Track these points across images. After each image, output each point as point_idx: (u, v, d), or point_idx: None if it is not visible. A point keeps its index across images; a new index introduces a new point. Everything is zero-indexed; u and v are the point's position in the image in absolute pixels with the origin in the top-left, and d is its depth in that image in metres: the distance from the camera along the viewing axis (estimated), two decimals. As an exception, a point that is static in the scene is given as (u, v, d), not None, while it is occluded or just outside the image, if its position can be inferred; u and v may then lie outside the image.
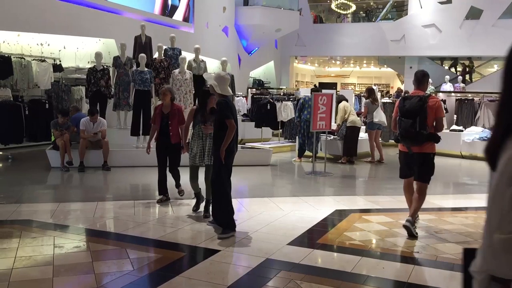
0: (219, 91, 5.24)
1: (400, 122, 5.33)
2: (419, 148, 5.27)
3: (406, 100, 5.36)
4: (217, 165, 5.23)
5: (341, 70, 33.32)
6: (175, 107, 6.53)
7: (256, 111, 13.47)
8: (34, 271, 4.06)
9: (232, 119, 5.13)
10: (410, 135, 5.23)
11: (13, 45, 12.16)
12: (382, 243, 5.12)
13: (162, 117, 6.46)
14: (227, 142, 5.12)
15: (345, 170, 10.06)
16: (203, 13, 18.61)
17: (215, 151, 5.23)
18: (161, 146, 6.52)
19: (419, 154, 5.31)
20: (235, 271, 4.28)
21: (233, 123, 5.13)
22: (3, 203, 6.46)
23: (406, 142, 5.35)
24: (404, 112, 5.29)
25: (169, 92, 6.53)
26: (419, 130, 5.16)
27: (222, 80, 5.30)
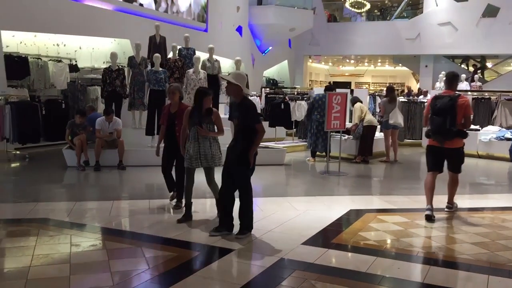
0: (246, 92, 5.11)
1: (432, 119, 5.91)
2: (450, 143, 5.90)
3: (438, 99, 5.92)
4: (243, 169, 5.04)
5: (355, 69, 33.15)
6: (182, 106, 6.19)
7: (270, 111, 13.45)
8: (51, 269, 4.12)
9: (261, 123, 5.04)
10: (441, 131, 5.82)
11: (30, 45, 12.32)
12: (397, 243, 5.08)
13: (169, 117, 6.27)
14: (257, 146, 5.00)
15: (360, 170, 10.00)
16: (217, 13, 18.66)
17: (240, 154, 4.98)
18: (168, 146, 6.34)
19: (450, 149, 5.95)
20: (249, 270, 4.28)
21: (263, 127, 5.03)
22: (21, 201, 6.56)
23: (438, 138, 5.92)
24: (436, 110, 5.86)
25: (178, 91, 6.32)
26: (449, 127, 5.76)
27: (243, 79, 5.13)
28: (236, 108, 5.08)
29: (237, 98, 5.09)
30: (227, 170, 5.14)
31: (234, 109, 5.15)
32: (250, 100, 5.13)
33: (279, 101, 13.25)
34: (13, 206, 6.45)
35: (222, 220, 5.21)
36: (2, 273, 4.13)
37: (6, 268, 4.24)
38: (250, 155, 4.96)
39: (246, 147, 4.97)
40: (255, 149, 4.99)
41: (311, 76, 30.84)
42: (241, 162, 5.00)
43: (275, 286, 3.87)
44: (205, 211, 6.41)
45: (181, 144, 5.79)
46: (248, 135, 4.98)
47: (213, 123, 5.55)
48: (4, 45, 11.22)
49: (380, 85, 30.54)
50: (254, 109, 5.05)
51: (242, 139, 5.00)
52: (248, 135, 4.98)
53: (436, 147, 6.01)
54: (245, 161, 4.96)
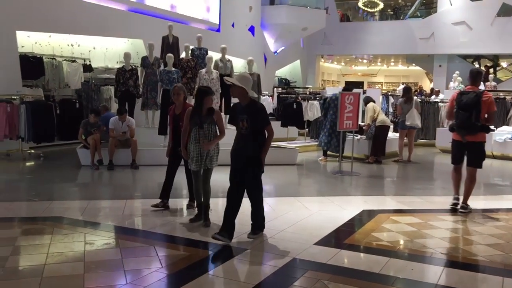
0: (251, 94, 4.96)
1: (457, 114, 6.15)
2: (473, 137, 6.11)
3: (463, 94, 6.16)
4: (256, 171, 4.94)
5: (368, 68, 32.99)
6: (187, 106, 5.97)
7: (282, 111, 13.45)
8: (65, 267, 4.16)
9: (270, 125, 4.97)
10: (466, 126, 6.05)
11: (45, 46, 12.46)
12: (410, 244, 5.04)
13: (174, 118, 6.09)
14: (268, 148, 4.95)
15: (373, 170, 9.95)
16: (229, 13, 18.69)
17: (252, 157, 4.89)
18: (173, 147, 6.15)
19: (472, 143, 6.15)
20: (262, 270, 4.28)
21: (272, 129, 4.97)
22: (36, 200, 6.64)
23: (462, 132, 6.15)
24: (461, 105, 6.09)
25: (182, 91, 6.13)
26: (474, 122, 5.99)
27: (248, 81, 4.99)
28: (243, 110, 4.93)
29: (243, 101, 4.96)
30: (235, 173, 4.99)
31: (239, 112, 4.99)
32: (259, 102, 5.05)
33: (291, 101, 13.24)
34: (28, 204, 6.53)
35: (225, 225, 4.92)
36: (18, 271, 4.18)
37: (21, 266, 4.29)
38: (263, 157, 4.91)
39: (257, 149, 4.89)
40: (267, 151, 4.94)
41: (324, 76, 30.75)
42: (253, 164, 4.91)
43: (287, 286, 3.86)
44: (218, 211, 6.42)
45: (182, 146, 5.64)
46: (258, 137, 4.91)
47: (214, 124, 5.41)
48: (20, 46, 11.36)
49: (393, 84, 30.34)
50: (264, 111, 5.00)
51: (252, 142, 4.89)
52: (258, 138, 4.91)
53: (459, 141, 6.25)
54: (257, 163, 4.90)
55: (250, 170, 4.94)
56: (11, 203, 6.44)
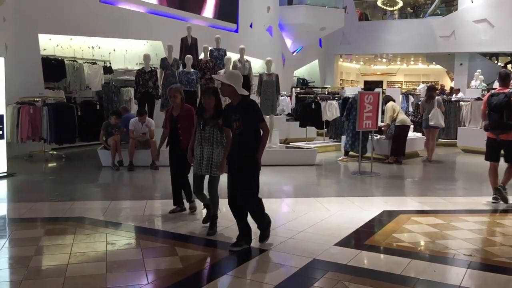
0: (240, 92, 4.62)
1: (489, 115, 6.55)
2: (506, 136, 6.47)
3: (493, 96, 6.56)
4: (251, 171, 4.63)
5: (388, 68, 32.66)
6: (185, 108, 5.81)
7: (301, 111, 13.40)
8: (88, 267, 4.22)
9: (265, 122, 4.68)
10: (498, 126, 6.44)
11: (66, 48, 12.64)
12: (432, 245, 4.98)
13: (172, 121, 5.84)
14: (264, 147, 4.63)
15: (393, 170, 9.85)
16: (247, 14, 18.71)
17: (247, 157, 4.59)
18: (172, 152, 5.95)
19: (506, 141, 6.50)
20: (281, 271, 4.27)
21: (267, 127, 4.70)
22: (58, 200, 6.74)
23: (495, 132, 6.53)
24: (492, 107, 6.48)
25: (179, 92, 5.84)
26: (506, 121, 6.38)
27: (237, 78, 4.66)
28: (235, 110, 4.64)
29: (234, 100, 4.67)
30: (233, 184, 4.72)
31: (231, 112, 4.69)
32: (250, 99, 4.73)
33: (309, 101, 13.18)
34: (51, 205, 6.63)
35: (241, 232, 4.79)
36: (41, 270, 4.25)
37: (45, 266, 4.36)
38: (259, 157, 4.58)
39: (252, 149, 4.59)
40: (263, 151, 4.62)
41: (342, 75, 30.55)
42: (248, 164, 4.61)
43: (308, 287, 3.85)
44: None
45: (189, 148, 5.35)
46: (252, 136, 4.61)
47: (218, 128, 5.02)
48: (42, 48, 11.55)
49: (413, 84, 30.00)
50: (256, 107, 4.72)
51: (247, 143, 4.59)
52: (253, 137, 4.61)
53: (494, 140, 6.60)
54: (252, 163, 4.60)
55: (245, 171, 4.63)
56: (34, 204, 6.55)
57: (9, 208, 6.60)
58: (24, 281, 3.88)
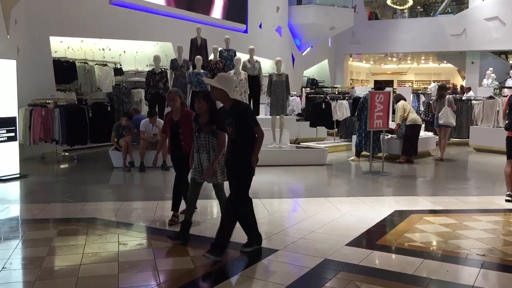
0: (232, 96, 4.44)
1: (509, 114, 6.79)
2: None
3: None
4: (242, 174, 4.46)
5: (398, 67, 32.48)
6: (185, 113, 5.52)
7: (311, 111, 13.37)
8: (100, 267, 4.24)
9: (259, 126, 4.46)
10: None
11: (77, 50, 12.73)
12: (445, 245, 4.94)
13: (172, 125, 5.58)
14: (258, 152, 4.42)
15: (404, 170, 9.79)
16: (256, 14, 18.72)
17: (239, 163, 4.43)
18: (173, 157, 5.73)
19: None
20: (293, 271, 4.27)
21: (262, 130, 4.46)
22: (70, 201, 6.80)
23: None
24: None
25: (178, 96, 5.54)
26: None
27: (228, 81, 4.48)
28: (228, 114, 4.45)
29: (226, 104, 4.46)
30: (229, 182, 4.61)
31: (224, 116, 4.51)
32: (242, 102, 4.58)
33: (320, 101, 13.15)
34: (63, 205, 6.68)
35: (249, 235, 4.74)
36: (54, 271, 4.28)
37: (58, 266, 4.40)
38: (253, 162, 4.39)
39: (246, 155, 4.39)
40: (257, 156, 4.42)
41: (352, 75, 30.44)
42: (243, 168, 4.43)
43: (319, 287, 3.84)
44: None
45: (190, 155, 5.15)
46: (246, 141, 4.40)
47: (213, 134, 4.84)
48: (53, 51, 11.64)
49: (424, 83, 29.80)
50: (249, 111, 4.57)
51: (241, 148, 4.40)
52: (246, 142, 4.40)
53: None
54: (246, 167, 4.41)
55: (237, 173, 4.46)
56: (47, 205, 6.61)
57: (22, 209, 6.65)
58: (38, 282, 3.91)
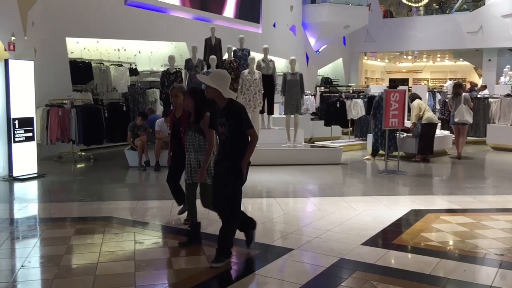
0: (226, 95, 4.23)
1: None
2: None
3: None
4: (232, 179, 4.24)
5: (413, 65, 32.20)
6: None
7: (326, 110, 13.32)
8: (117, 266, 4.28)
9: (253, 128, 4.26)
10: None
11: (93, 51, 12.87)
12: (462, 245, 4.88)
13: (174, 122, 5.48)
14: (250, 155, 4.21)
15: (420, 169, 9.71)
16: (270, 13, 18.71)
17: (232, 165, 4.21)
18: (174, 155, 5.59)
19: None
20: (308, 270, 4.26)
21: (256, 133, 4.26)
22: (87, 200, 6.87)
23: None
24: None
25: (180, 92, 5.39)
26: None
27: (222, 79, 4.26)
28: (221, 113, 4.26)
29: (220, 102, 4.27)
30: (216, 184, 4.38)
31: (217, 115, 4.31)
32: (238, 102, 4.39)
33: (334, 100, 13.10)
34: (80, 204, 6.75)
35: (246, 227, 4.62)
36: (72, 269, 4.33)
37: (76, 264, 4.44)
38: (243, 165, 4.19)
39: (237, 158, 4.20)
40: (248, 159, 4.22)
41: (367, 73, 30.26)
42: (234, 174, 4.22)
43: (335, 287, 3.82)
44: (263, 211, 6.46)
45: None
46: (239, 143, 4.22)
47: (201, 132, 4.70)
48: (69, 52, 11.78)
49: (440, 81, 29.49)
50: (244, 112, 4.26)
51: (233, 150, 4.22)
52: (239, 144, 4.22)
53: None
54: (236, 171, 4.21)
55: (227, 177, 4.23)
56: (64, 204, 6.69)
57: (40, 208, 6.74)
58: (56, 280, 3.96)
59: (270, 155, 9.83)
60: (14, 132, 8.29)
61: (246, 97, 9.93)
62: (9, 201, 7.07)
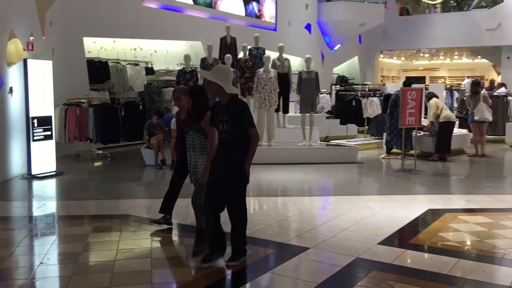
0: (229, 91, 4.13)
1: None
2: None
3: None
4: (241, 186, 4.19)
5: (430, 63, 31.82)
6: None
7: (341, 108, 13.26)
8: (134, 263, 4.32)
9: (255, 127, 4.17)
10: None
11: (110, 50, 12.98)
12: (480, 245, 4.82)
13: (179, 124, 5.35)
14: (253, 156, 4.11)
15: (437, 168, 9.60)
16: (285, 11, 18.67)
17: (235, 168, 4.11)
18: (178, 157, 5.48)
19: None
20: (324, 269, 4.24)
21: (257, 132, 4.17)
22: (104, 198, 6.94)
23: None
24: None
25: (182, 94, 5.19)
26: None
27: (224, 75, 4.16)
28: (223, 110, 4.15)
29: (222, 99, 4.18)
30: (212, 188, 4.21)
31: (218, 112, 4.19)
32: (240, 99, 4.29)
33: (350, 98, 13.03)
34: (97, 202, 6.82)
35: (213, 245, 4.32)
36: (90, 266, 4.38)
37: (93, 262, 4.49)
38: (247, 168, 4.11)
39: (240, 158, 4.10)
40: (251, 161, 4.12)
41: (383, 71, 29.99)
42: (238, 177, 4.12)
43: (352, 286, 3.81)
44: (278, 209, 6.47)
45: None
46: (240, 142, 4.11)
47: (201, 131, 4.60)
48: (86, 51, 11.90)
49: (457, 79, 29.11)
50: (247, 109, 4.14)
51: (234, 149, 4.11)
52: (241, 142, 4.11)
53: None
54: (242, 175, 4.12)
55: (236, 184, 4.15)
56: (82, 202, 6.77)
57: (58, 206, 6.83)
58: (74, 277, 4.01)
59: (285, 154, 9.82)
60: (33, 131, 8.40)
61: (261, 96, 9.93)
62: (28, 199, 7.17)
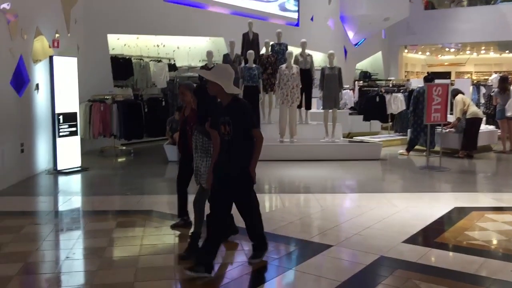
0: (229, 91, 3.97)
1: None
2: None
3: None
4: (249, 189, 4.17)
5: (456, 58, 31.22)
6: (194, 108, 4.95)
7: (365, 104, 13.12)
8: (158, 259, 4.35)
9: (259, 128, 4.07)
10: None
11: (133, 47, 13.09)
12: (508, 244, 4.72)
13: (182, 121, 5.17)
14: (257, 158, 4.02)
15: (463, 165, 9.42)
16: (308, 7, 18.54)
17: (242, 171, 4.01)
18: (181, 157, 5.32)
19: None
20: (348, 267, 4.21)
21: (261, 133, 4.04)
22: (128, 194, 7.01)
23: None
24: None
25: (187, 90, 4.98)
26: None
27: (225, 74, 3.98)
28: (224, 111, 3.98)
29: (222, 99, 4.01)
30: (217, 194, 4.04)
31: (220, 113, 4.01)
32: (243, 99, 4.18)
33: (373, 94, 12.88)
34: (121, 198, 6.91)
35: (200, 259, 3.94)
36: (114, 261, 4.43)
37: (118, 257, 4.55)
38: (252, 170, 4.01)
39: (244, 161, 4.00)
40: (256, 163, 4.02)
41: (407, 67, 29.57)
42: (243, 181, 4.06)
43: (376, 285, 3.76)
44: (300, 206, 6.44)
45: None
46: (243, 144, 3.99)
47: (205, 133, 4.38)
48: (110, 48, 12.04)
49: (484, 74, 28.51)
50: (248, 110, 4.03)
51: (237, 152, 3.98)
52: (244, 144, 3.99)
53: None
54: (247, 179, 4.04)
55: (238, 189, 4.08)
56: (106, 197, 6.86)
57: (83, 201, 6.93)
58: (99, 271, 4.06)
59: (308, 150, 9.77)
60: (58, 127, 8.53)
61: (283, 92, 9.89)
62: (54, 194, 7.29)
